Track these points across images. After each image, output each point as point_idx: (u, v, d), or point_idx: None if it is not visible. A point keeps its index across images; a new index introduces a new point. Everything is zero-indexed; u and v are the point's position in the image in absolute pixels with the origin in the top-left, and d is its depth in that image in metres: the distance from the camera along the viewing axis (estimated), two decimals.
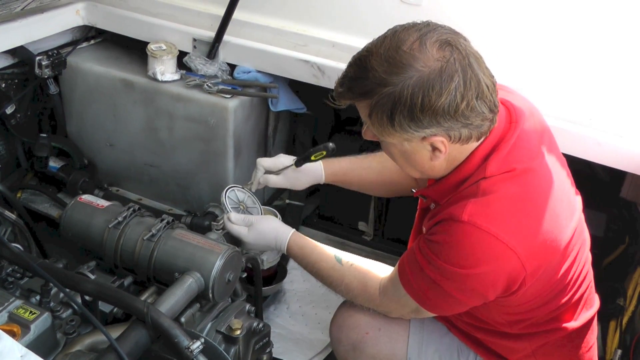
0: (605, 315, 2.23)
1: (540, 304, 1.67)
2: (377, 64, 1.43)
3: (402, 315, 1.80)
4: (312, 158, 2.03)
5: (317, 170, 2.09)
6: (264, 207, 2.15)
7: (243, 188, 2.09)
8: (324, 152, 2.02)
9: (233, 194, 2.07)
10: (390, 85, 1.41)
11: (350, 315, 1.94)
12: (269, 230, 1.94)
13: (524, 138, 1.59)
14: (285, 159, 2.08)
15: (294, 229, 1.94)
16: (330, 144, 2.02)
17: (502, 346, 1.80)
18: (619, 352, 2.08)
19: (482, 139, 1.55)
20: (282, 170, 2.06)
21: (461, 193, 1.56)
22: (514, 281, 1.52)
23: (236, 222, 1.95)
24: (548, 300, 1.67)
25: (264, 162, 2.07)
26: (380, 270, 1.80)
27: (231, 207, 2.03)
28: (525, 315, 1.70)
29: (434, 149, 1.51)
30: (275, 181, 2.06)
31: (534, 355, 1.78)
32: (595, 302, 1.85)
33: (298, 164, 2.04)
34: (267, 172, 2.07)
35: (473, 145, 1.55)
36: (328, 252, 1.87)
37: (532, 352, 1.77)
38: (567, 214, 1.61)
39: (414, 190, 1.80)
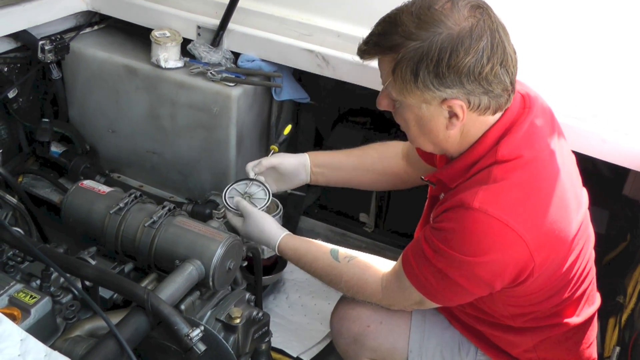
0: (604, 312, 2.23)
1: (544, 298, 1.67)
2: (407, 20, 1.44)
3: (405, 307, 1.79)
4: (284, 132, 2.23)
5: (302, 155, 2.10)
6: None
7: (255, 180, 2.08)
8: (289, 127, 2.24)
9: (242, 187, 2.06)
10: (419, 39, 1.42)
11: (351, 307, 1.94)
12: (258, 232, 1.92)
13: (537, 126, 1.59)
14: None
15: (284, 232, 1.91)
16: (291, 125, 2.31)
17: (504, 340, 1.80)
18: (618, 349, 2.08)
19: (497, 116, 1.55)
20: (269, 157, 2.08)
21: (471, 179, 1.55)
22: (522, 271, 1.52)
23: (236, 206, 1.96)
24: (552, 294, 1.67)
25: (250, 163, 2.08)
26: (379, 265, 1.79)
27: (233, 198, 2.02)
28: (529, 308, 1.70)
29: (452, 115, 1.50)
30: (268, 160, 2.05)
31: (535, 350, 1.78)
32: (597, 300, 1.85)
33: (274, 143, 2.17)
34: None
35: (488, 120, 1.54)
36: (323, 250, 1.85)
37: (533, 346, 1.77)
38: (575, 206, 1.61)
39: (423, 178, 1.79)
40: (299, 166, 2.08)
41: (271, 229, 1.92)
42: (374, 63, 2.23)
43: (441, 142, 1.59)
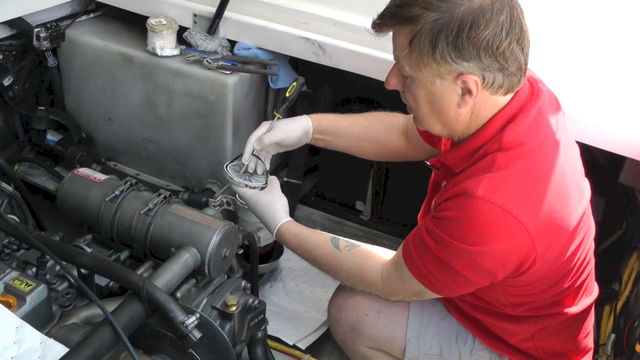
0: (600, 300, 2.23)
1: (544, 288, 1.67)
2: None
3: (404, 298, 1.79)
4: (287, 94, 2.06)
5: (304, 120, 2.03)
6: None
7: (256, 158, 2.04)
8: (295, 84, 2.07)
9: (237, 167, 2.04)
10: (439, 11, 1.41)
11: (350, 296, 1.93)
12: (266, 207, 1.90)
13: (544, 114, 1.59)
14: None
15: (288, 219, 1.89)
16: (300, 78, 2.09)
17: (502, 328, 1.80)
18: (613, 336, 2.09)
19: (507, 98, 1.54)
20: (271, 126, 1.97)
21: (475, 166, 1.55)
22: (524, 260, 1.52)
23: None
24: (552, 284, 1.67)
25: (252, 136, 1.97)
26: (380, 255, 1.78)
27: (235, 175, 1.99)
28: (529, 298, 1.70)
29: (465, 92, 1.49)
30: (269, 137, 1.95)
31: (532, 339, 1.78)
32: (595, 290, 1.85)
33: (279, 110, 2.02)
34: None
35: (499, 101, 1.54)
36: (324, 238, 1.84)
37: (531, 335, 1.77)
38: (577, 196, 1.61)
39: (428, 162, 1.78)
40: (301, 137, 2.03)
41: (279, 210, 1.90)
42: (371, 51, 2.26)
43: (451, 121, 1.57)
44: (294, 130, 2.01)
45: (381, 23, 1.51)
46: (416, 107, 1.59)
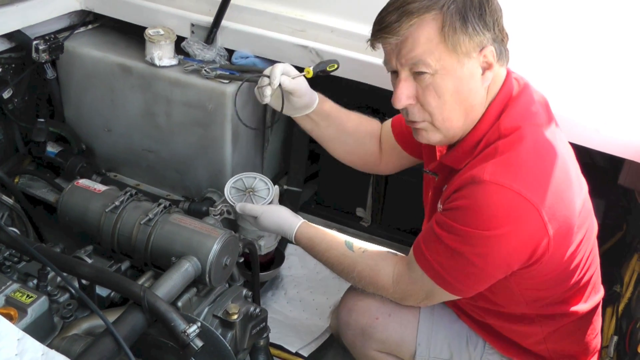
0: (602, 302, 2.24)
1: (557, 282, 1.67)
2: None
3: (416, 301, 1.77)
4: (328, 69, 2.03)
5: (315, 96, 2.01)
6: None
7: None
8: (335, 65, 2.05)
9: (240, 183, 2.08)
10: None
11: (360, 299, 1.93)
12: (274, 224, 1.93)
13: (535, 102, 1.63)
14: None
15: (301, 221, 1.91)
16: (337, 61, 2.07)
17: (516, 331, 1.80)
18: (615, 338, 2.09)
19: (502, 75, 1.61)
20: (298, 75, 1.93)
21: (478, 158, 1.56)
22: (537, 245, 1.51)
23: (242, 211, 1.97)
24: (564, 278, 1.67)
25: (282, 66, 1.92)
26: (393, 258, 1.79)
27: (237, 196, 2.03)
28: (543, 292, 1.69)
29: (485, 69, 1.55)
30: (293, 82, 1.89)
31: (544, 342, 1.78)
32: (601, 289, 1.86)
33: (313, 67, 1.97)
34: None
35: (501, 75, 1.61)
36: (338, 239, 1.85)
37: (543, 338, 1.77)
38: (577, 185, 1.62)
39: (427, 171, 1.78)
40: (305, 106, 1.99)
41: (287, 218, 1.93)
42: (369, 58, 2.26)
43: (475, 107, 1.58)
44: (306, 95, 1.97)
45: (401, 21, 1.50)
46: (440, 105, 1.57)
